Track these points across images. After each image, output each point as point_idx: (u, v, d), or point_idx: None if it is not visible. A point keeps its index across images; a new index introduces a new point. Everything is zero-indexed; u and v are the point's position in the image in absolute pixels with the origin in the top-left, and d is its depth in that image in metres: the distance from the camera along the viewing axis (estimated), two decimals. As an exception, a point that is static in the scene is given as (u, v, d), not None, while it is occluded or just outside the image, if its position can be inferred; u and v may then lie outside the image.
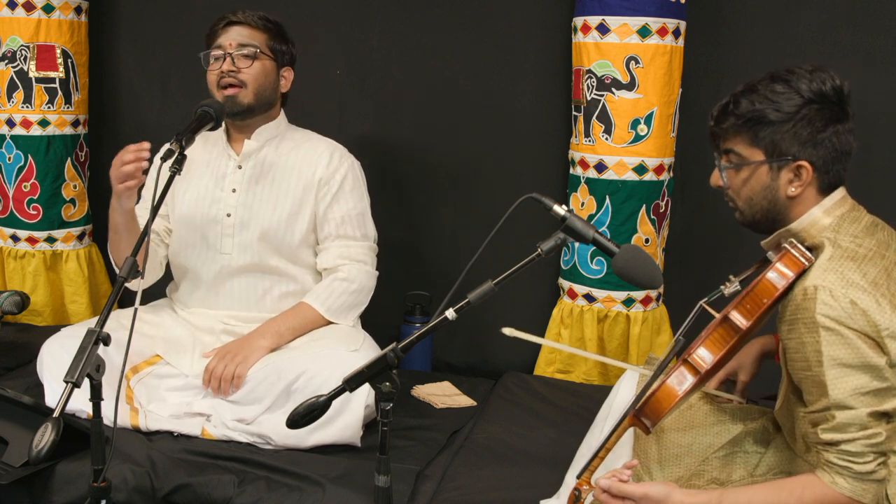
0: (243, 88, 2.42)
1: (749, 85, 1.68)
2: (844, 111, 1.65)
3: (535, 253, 1.66)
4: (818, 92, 1.63)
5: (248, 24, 2.45)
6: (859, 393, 1.53)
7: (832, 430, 1.55)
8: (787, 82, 1.64)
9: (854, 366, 1.53)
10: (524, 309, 3.10)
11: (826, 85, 1.63)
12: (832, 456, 1.56)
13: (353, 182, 2.53)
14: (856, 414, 1.53)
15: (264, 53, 2.44)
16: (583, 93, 2.77)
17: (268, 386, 2.29)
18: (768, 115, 1.63)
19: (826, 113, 1.63)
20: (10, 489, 2.10)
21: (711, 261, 3.00)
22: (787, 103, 1.62)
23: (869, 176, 2.82)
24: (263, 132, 2.51)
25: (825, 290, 1.54)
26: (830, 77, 1.64)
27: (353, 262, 2.51)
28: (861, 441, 1.53)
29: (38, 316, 3.25)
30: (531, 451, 2.33)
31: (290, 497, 2.06)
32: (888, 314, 1.53)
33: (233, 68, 2.40)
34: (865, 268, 1.57)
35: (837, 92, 1.64)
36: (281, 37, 2.50)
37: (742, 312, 1.65)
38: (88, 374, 1.67)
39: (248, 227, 2.48)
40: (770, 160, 1.65)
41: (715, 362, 1.67)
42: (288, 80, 2.54)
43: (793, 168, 1.64)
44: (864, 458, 1.54)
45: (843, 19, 2.79)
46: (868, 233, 1.65)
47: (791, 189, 1.65)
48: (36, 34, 3.11)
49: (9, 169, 3.20)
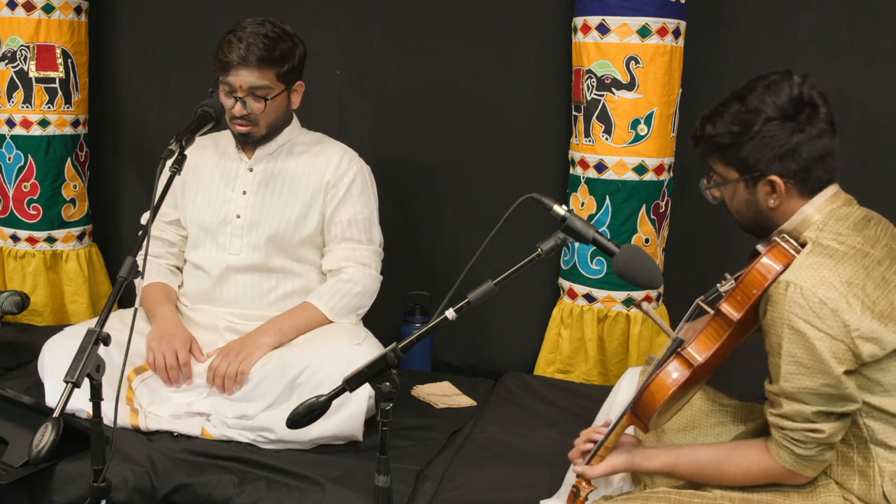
0: (255, 126, 2.41)
1: (712, 108, 1.73)
2: (809, 118, 1.65)
3: (535, 253, 1.66)
4: (775, 106, 1.65)
5: (256, 66, 2.34)
6: (809, 392, 1.57)
7: (779, 416, 1.61)
8: (743, 101, 1.67)
9: (809, 367, 1.56)
10: (524, 309, 3.10)
11: (781, 97, 1.65)
12: (777, 435, 1.62)
13: (361, 186, 2.54)
14: (802, 409, 1.58)
15: (275, 93, 2.40)
16: (583, 93, 2.77)
17: (271, 381, 2.30)
18: (729, 139, 1.68)
19: (788, 125, 1.64)
20: (10, 489, 2.10)
21: (711, 261, 2.99)
22: (745, 124, 1.66)
23: (869, 176, 2.82)
24: (277, 139, 2.52)
25: (796, 287, 1.56)
26: (789, 85, 1.66)
27: (358, 264, 2.51)
28: (804, 432, 1.59)
29: (38, 316, 3.26)
30: (531, 451, 2.33)
31: (290, 497, 2.06)
32: (858, 314, 1.55)
33: (245, 112, 2.38)
34: (841, 267, 1.59)
35: (795, 102, 1.65)
36: (289, 60, 2.41)
37: (732, 304, 1.67)
38: (88, 374, 1.67)
39: (257, 228, 2.49)
40: (744, 177, 1.69)
41: (709, 356, 1.68)
42: (299, 92, 2.51)
43: (766, 182, 1.68)
44: (805, 445, 1.59)
45: (843, 19, 2.79)
46: (856, 229, 1.66)
47: (770, 201, 1.69)
48: (36, 34, 3.11)
49: (9, 169, 3.20)
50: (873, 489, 1.61)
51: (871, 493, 1.61)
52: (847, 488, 1.65)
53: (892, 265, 1.65)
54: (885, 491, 1.60)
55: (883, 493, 1.60)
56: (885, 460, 1.61)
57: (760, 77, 1.70)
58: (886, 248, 1.67)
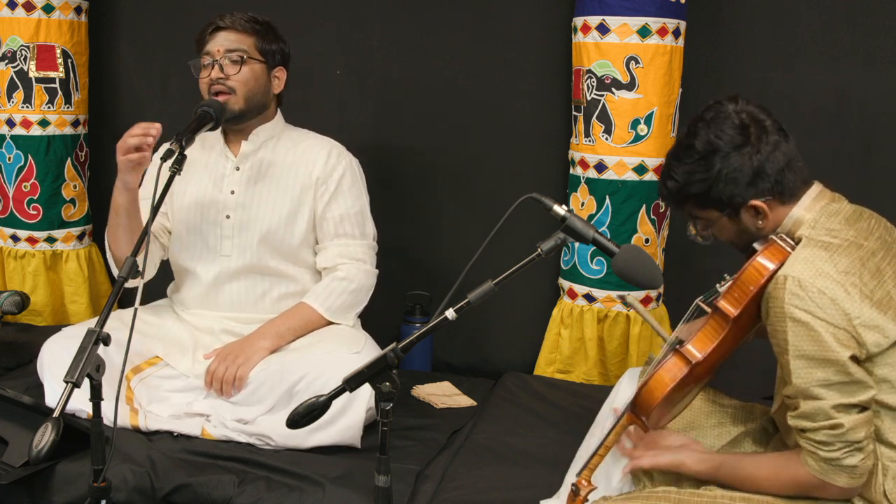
0: (233, 95, 2.38)
1: (666, 164, 1.76)
2: (759, 136, 1.67)
3: (535, 253, 1.66)
4: (722, 142, 1.67)
5: (235, 28, 2.40)
6: (823, 385, 1.56)
7: (798, 416, 1.60)
8: (691, 148, 1.69)
9: (816, 358, 1.56)
10: (524, 309, 3.10)
11: (726, 129, 1.67)
12: (801, 440, 1.61)
13: (351, 180, 2.52)
14: (820, 405, 1.57)
15: (253, 58, 2.41)
16: (583, 93, 2.77)
17: (269, 388, 2.29)
18: (698, 188, 1.70)
19: (745, 152, 1.66)
20: (10, 489, 2.10)
21: (711, 261, 2.99)
22: (706, 168, 1.68)
23: (869, 176, 2.82)
24: (260, 133, 2.50)
25: (794, 280, 1.57)
26: (727, 115, 1.68)
27: (353, 260, 2.50)
28: (825, 431, 1.57)
29: (38, 316, 3.26)
30: (531, 451, 2.33)
31: (290, 497, 2.06)
32: (857, 302, 1.56)
33: (221, 75, 2.37)
34: (837, 258, 1.60)
35: (741, 128, 1.67)
36: (270, 37, 2.46)
37: (730, 301, 1.68)
38: (88, 374, 1.67)
39: (247, 228, 2.47)
40: (725, 213, 1.72)
41: (708, 353, 1.69)
42: (281, 80, 2.50)
43: (748, 208, 1.70)
44: (829, 446, 1.57)
45: (843, 19, 2.79)
46: (848, 223, 1.68)
47: (759, 223, 1.71)
48: (36, 34, 3.11)
49: (9, 169, 3.20)
50: (874, 486, 1.61)
51: (872, 491, 1.61)
52: None
53: (885, 256, 1.66)
54: (885, 489, 1.61)
55: (884, 490, 1.61)
56: (889, 459, 1.61)
57: (697, 118, 1.72)
58: (880, 240, 1.69)
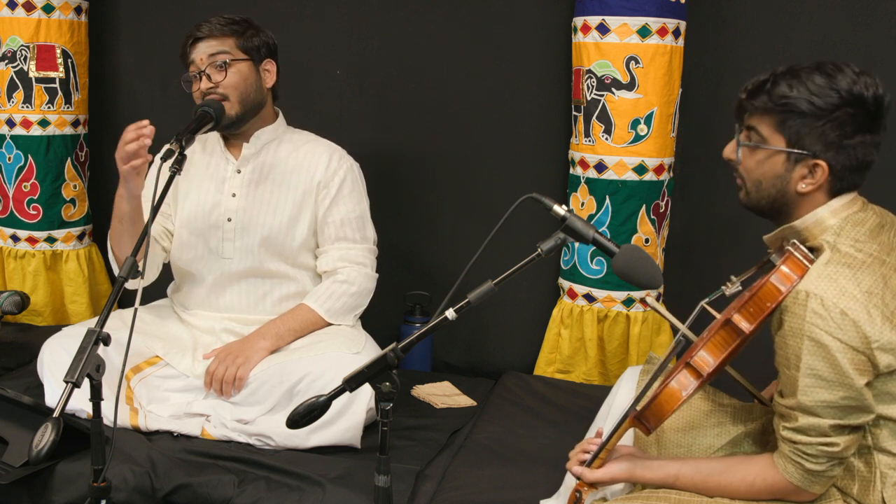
0: (227, 101, 2.37)
1: (792, 69, 1.62)
2: (878, 122, 1.61)
3: (535, 253, 1.66)
4: (858, 96, 1.57)
5: (213, 35, 2.39)
6: (827, 405, 1.54)
7: (793, 430, 1.57)
8: (830, 77, 1.58)
9: (830, 381, 1.52)
10: (524, 309, 3.10)
11: (868, 91, 1.58)
12: (788, 449, 1.59)
13: (351, 184, 2.52)
14: (818, 422, 1.54)
15: (237, 59, 2.39)
16: (583, 93, 2.77)
17: (270, 388, 2.30)
18: (801, 106, 1.58)
19: (859, 119, 1.58)
20: (10, 489, 2.10)
21: (711, 261, 3.00)
22: (824, 100, 1.57)
23: (868, 176, 2.81)
24: (261, 136, 2.50)
25: (816, 298, 1.52)
26: (875, 84, 1.59)
27: (353, 264, 2.51)
28: (818, 446, 1.55)
29: (38, 316, 3.26)
30: (531, 451, 2.33)
31: (290, 497, 2.06)
32: (878, 325, 1.51)
33: (210, 84, 2.36)
34: (861, 276, 1.55)
35: (877, 102, 1.59)
36: (250, 33, 2.43)
37: (745, 316, 1.63)
38: (88, 374, 1.67)
39: (248, 231, 2.47)
40: (790, 151, 1.61)
41: (717, 365, 1.67)
42: (272, 72, 2.48)
43: (809, 165, 1.60)
44: (816, 459, 1.56)
45: (843, 19, 2.79)
46: (871, 236, 1.62)
47: (802, 185, 1.62)
48: (36, 34, 3.11)
49: (9, 169, 3.20)
50: (872, 494, 1.60)
51: (870, 498, 1.60)
52: (847, 493, 1.64)
53: None
54: (885, 497, 1.60)
55: (882, 498, 1.60)
56: (888, 467, 1.60)
57: (845, 63, 1.61)
58: None
